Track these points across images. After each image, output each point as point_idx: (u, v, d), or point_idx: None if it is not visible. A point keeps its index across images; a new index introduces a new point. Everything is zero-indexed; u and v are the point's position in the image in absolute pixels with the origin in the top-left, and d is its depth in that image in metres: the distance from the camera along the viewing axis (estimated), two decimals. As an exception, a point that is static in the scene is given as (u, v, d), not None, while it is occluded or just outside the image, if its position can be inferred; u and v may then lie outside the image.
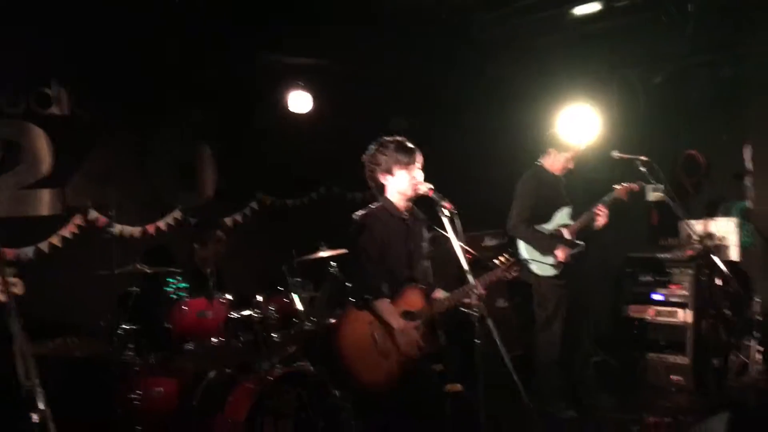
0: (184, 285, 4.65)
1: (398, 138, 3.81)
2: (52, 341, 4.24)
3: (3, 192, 4.87)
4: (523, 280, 5.39)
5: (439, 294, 3.87)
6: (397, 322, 3.63)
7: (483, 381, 3.32)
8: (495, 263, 3.74)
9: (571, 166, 5.26)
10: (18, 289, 3.59)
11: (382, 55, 6.07)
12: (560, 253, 5.08)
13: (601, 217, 5.06)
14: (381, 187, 3.85)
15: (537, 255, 5.17)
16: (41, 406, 1.82)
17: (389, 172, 3.77)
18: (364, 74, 6.32)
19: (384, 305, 3.66)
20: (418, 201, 3.85)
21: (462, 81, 6.70)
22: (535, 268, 5.21)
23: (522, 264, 3.81)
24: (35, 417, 1.81)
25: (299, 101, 6.15)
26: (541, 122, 5.95)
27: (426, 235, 3.95)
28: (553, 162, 5.27)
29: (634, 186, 5.15)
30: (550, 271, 5.15)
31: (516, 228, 5.22)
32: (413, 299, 3.76)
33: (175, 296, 4.62)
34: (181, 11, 4.81)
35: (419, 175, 3.76)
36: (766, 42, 5.64)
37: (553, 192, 5.26)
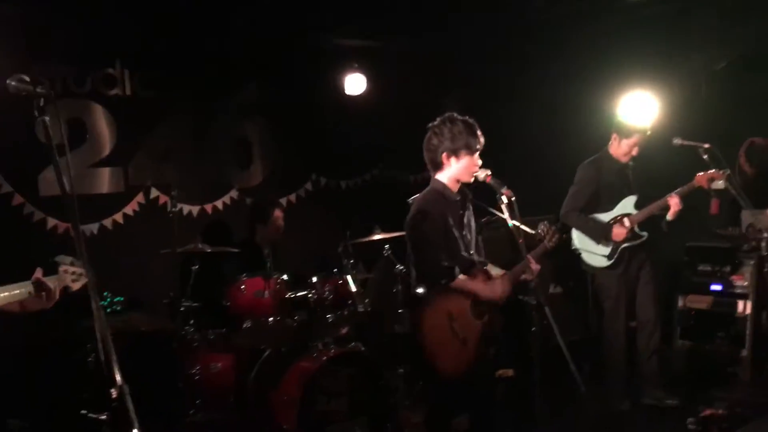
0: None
1: (468, 119, 3.59)
2: (119, 316, 4.38)
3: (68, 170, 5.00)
4: (578, 268, 5.33)
5: (493, 270, 3.78)
6: (481, 287, 3.56)
7: (539, 368, 3.33)
8: (539, 233, 3.67)
9: (635, 152, 5.04)
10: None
11: (436, 37, 6.02)
12: (617, 233, 4.90)
13: (674, 207, 4.82)
14: (438, 166, 3.64)
15: (590, 244, 5.04)
16: (119, 381, 1.90)
17: (455, 154, 3.56)
18: (418, 56, 6.29)
19: (462, 281, 3.55)
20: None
21: (517, 63, 6.60)
22: (586, 258, 5.09)
23: (561, 233, 3.69)
24: (114, 392, 1.89)
25: (354, 83, 6.15)
26: (599, 106, 5.85)
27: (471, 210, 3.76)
28: (618, 148, 5.07)
29: (716, 174, 4.81)
30: (603, 262, 4.99)
31: (567, 216, 5.10)
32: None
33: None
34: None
35: (479, 162, 3.60)
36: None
37: (617, 180, 5.06)
